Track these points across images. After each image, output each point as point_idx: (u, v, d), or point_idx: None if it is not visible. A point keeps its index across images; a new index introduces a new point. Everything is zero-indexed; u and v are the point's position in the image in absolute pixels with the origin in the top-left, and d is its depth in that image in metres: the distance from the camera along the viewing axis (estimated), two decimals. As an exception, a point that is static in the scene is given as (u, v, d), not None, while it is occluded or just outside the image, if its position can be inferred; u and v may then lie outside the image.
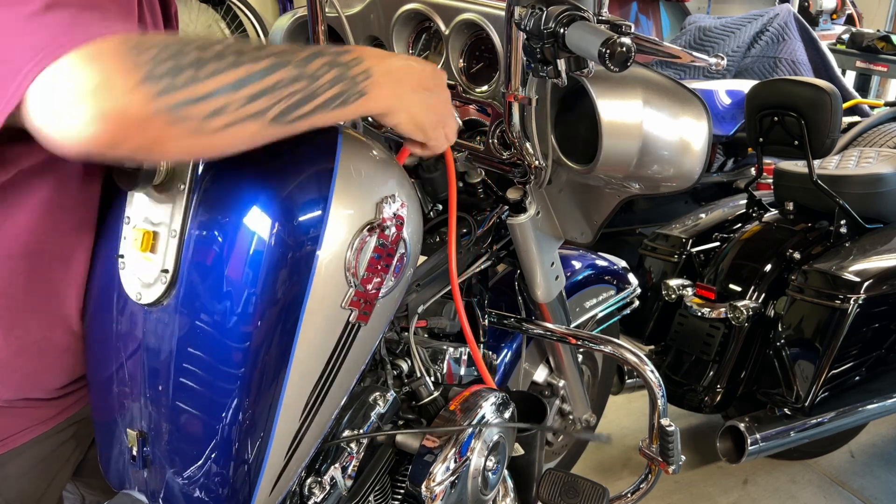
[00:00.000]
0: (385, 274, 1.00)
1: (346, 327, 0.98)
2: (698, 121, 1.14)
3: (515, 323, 1.50)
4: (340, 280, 0.95)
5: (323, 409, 1.01)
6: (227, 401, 0.93)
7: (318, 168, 0.93)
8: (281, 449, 0.98)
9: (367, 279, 0.97)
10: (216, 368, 0.92)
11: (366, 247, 0.96)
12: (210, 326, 0.92)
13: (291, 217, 0.90)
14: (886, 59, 4.28)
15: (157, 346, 0.96)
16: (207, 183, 0.92)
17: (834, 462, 2.50)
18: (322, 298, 0.93)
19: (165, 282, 0.93)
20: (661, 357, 2.37)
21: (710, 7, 5.52)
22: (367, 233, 0.96)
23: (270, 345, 0.92)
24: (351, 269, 0.95)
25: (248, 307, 0.90)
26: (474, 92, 1.26)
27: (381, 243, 0.98)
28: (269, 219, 0.89)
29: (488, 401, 1.22)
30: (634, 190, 1.22)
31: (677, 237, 2.45)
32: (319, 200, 0.92)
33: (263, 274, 0.89)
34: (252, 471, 0.96)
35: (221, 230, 0.91)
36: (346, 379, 1.03)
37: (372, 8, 1.34)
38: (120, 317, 1.00)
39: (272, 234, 0.89)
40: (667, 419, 1.42)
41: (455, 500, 1.17)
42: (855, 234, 2.30)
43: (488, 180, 1.39)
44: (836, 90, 2.24)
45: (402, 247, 1.01)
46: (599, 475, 2.35)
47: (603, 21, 1.00)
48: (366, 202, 0.96)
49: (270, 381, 0.93)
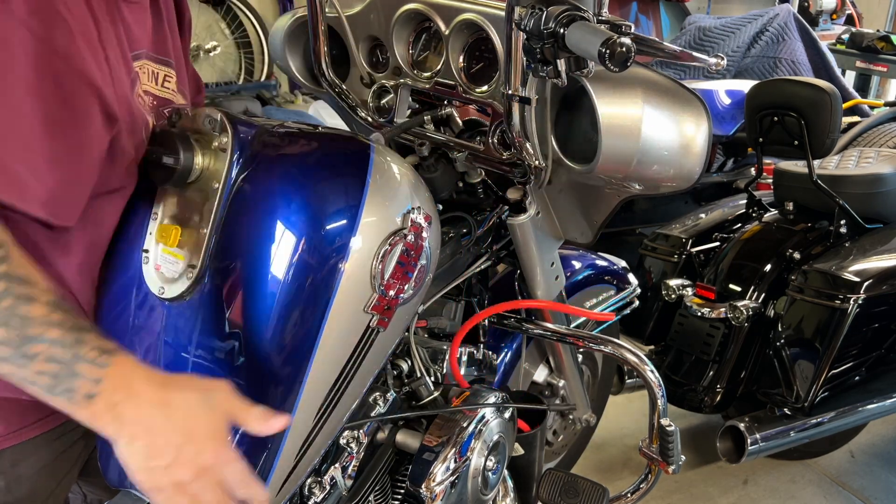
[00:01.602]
0: (407, 282, 1.03)
1: (367, 332, 1.00)
2: (698, 121, 1.14)
3: (515, 323, 1.49)
4: (366, 285, 0.97)
5: (335, 412, 1.01)
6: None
7: (351, 178, 0.97)
8: (293, 450, 0.98)
9: (391, 285, 1.01)
10: (234, 367, 0.93)
11: (392, 254, 0.99)
12: (232, 325, 0.93)
13: (322, 224, 0.93)
14: (886, 59, 4.28)
15: (175, 342, 0.97)
16: (242, 183, 0.94)
17: (834, 462, 2.50)
18: (347, 303, 0.96)
19: (192, 277, 0.94)
20: (661, 357, 2.37)
21: (710, 7, 5.52)
22: (394, 241, 0.99)
23: (292, 346, 0.93)
24: (377, 275, 0.98)
25: (271, 308, 0.91)
26: (474, 92, 1.26)
27: (406, 251, 1.01)
28: (300, 224, 0.92)
29: (488, 401, 1.22)
30: (634, 190, 1.22)
31: (677, 237, 2.45)
32: (351, 209, 0.95)
33: (290, 277, 0.91)
34: (262, 472, 0.97)
35: (252, 231, 0.93)
36: (360, 383, 1.04)
37: (372, 8, 1.34)
38: (139, 311, 1.00)
39: (302, 239, 0.91)
40: (667, 419, 1.42)
41: (455, 500, 1.17)
42: (855, 234, 2.30)
43: (488, 180, 1.39)
44: (836, 90, 2.24)
45: (424, 257, 1.05)
46: (599, 475, 2.35)
47: (603, 21, 1.00)
48: (394, 212, 1.00)
49: (289, 382, 0.94)
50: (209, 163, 0.96)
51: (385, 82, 1.37)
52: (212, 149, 0.96)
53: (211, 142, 0.97)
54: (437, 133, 1.37)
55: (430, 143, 1.34)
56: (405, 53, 1.33)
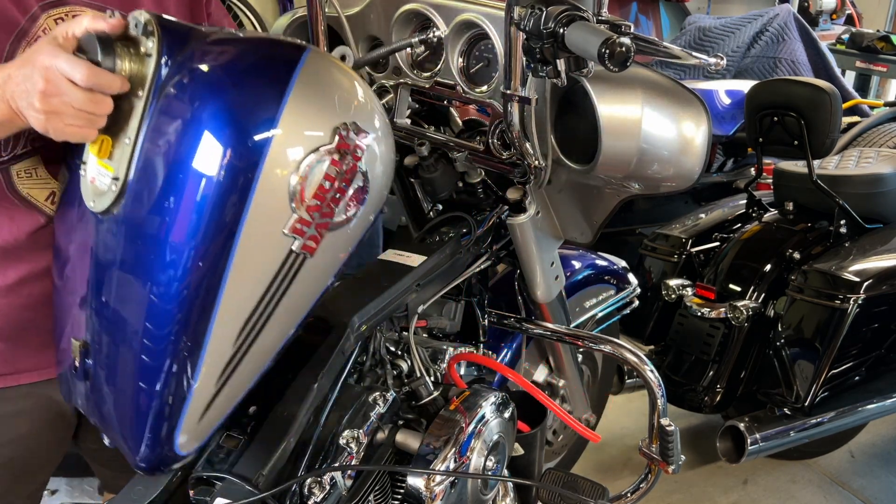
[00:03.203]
0: (336, 205, 0.95)
1: (289, 256, 0.94)
2: (698, 121, 1.14)
3: (515, 323, 1.50)
4: (283, 202, 0.90)
5: (260, 342, 0.97)
6: (158, 317, 0.91)
7: (273, 82, 0.89)
8: (211, 374, 0.95)
9: (315, 207, 0.93)
10: (150, 283, 0.90)
11: (313, 171, 0.91)
12: (148, 239, 0.90)
13: (237, 131, 0.87)
14: (886, 59, 4.28)
15: (104, 256, 0.95)
16: (167, 90, 0.89)
17: (834, 462, 2.50)
18: (262, 219, 0.90)
19: (115, 190, 0.91)
20: (661, 357, 2.37)
21: (710, 7, 5.51)
22: (318, 157, 0.91)
23: (203, 263, 0.89)
24: (296, 193, 0.90)
25: (184, 222, 0.87)
26: (474, 92, 1.26)
27: (335, 171, 0.93)
28: (213, 133, 0.86)
29: (488, 400, 1.22)
30: (634, 190, 1.22)
31: (677, 237, 2.45)
32: (268, 115, 0.88)
33: (202, 189, 0.86)
34: (179, 392, 0.94)
35: (170, 141, 0.88)
36: (288, 314, 0.99)
37: (372, 8, 1.34)
38: (78, 223, 0.99)
39: (214, 150, 0.86)
40: (667, 419, 1.42)
41: (455, 499, 1.17)
42: (855, 234, 2.30)
43: (488, 180, 1.40)
44: (836, 90, 2.24)
45: (359, 179, 0.96)
46: (599, 475, 2.35)
47: (603, 21, 1.00)
48: (321, 124, 0.91)
49: (201, 301, 0.90)
50: (135, 68, 0.89)
51: (385, 82, 1.37)
52: (139, 54, 0.90)
53: (139, 46, 0.90)
54: (437, 133, 1.37)
55: (429, 142, 1.34)
56: (405, 53, 1.33)
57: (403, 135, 1.37)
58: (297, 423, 1.07)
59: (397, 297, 1.25)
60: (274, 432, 1.06)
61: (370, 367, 1.25)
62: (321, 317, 1.16)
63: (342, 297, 1.22)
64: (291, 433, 1.06)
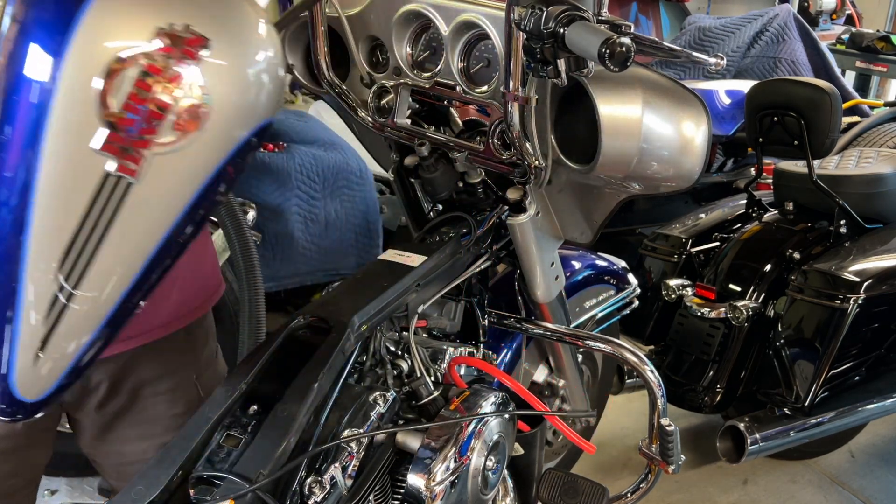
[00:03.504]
0: (158, 121, 0.81)
1: (107, 179, 0.82)
2: (698, 121, 1.14)
3: (515, 323, 1.50)
4: (87, 112, 0.79)
5: (92, 277, 0.87)
6: None
7: None
8: (36, 309, 0.87)
9: (127, 120, 0.80)
10: None
11: (121, 77, 0.78)
12: None
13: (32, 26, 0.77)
14: (886, 59, 4.29)
15: None
16: None
17: (834, 462, 2.50)
18: (64, 132, 0.79)
19: None
20: (661, 357, 2.37)
21: (710, 7, 5.52)
22: (129, 61, 0.78)
23: (7, 183, 0.80)
24: (103, 102, 0.79)
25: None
26: (474, 92, 1.26)
27: (154, 80, 0.80)
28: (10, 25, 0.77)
29: (488, 401, 1.22)
30: (634, 190, 1.23)
31: (677, 237, 2.45)
32: (69, 8, 0.76)
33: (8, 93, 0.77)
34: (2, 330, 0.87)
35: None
36: (123, 247, 0.87)
37: (372, 8, 1.34)
38: None
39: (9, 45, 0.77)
40: (667, 419, 1.42)
41: (455, 500, 1.17)
42: (855, 234, 2.30)
43: (488, 180, 1.40)
44: (836, 90, 2.25)
45: (187, 94, 0.81)
46: (599, 475, 2.35)
47: (603, 21, 1.00)
48: (138, 21, 0.79)
49: (8, 228, 0.82)
50: None
51: (385, 82, 1.37)
52: None
53: None
54: (437, 133, 1.37)
55: (430, 142, 1.34)
56: (405, 53, 1.33)
57: (403, 135, 1.37)
58: (297, 422, 1.06)
59: (397, 297, 1.25)
60: (274, 432, 1.06)
61: (370, 366, 1.25)
62: (321, 317, 1.16)
63: (342, 297, 1.22)
64: (291, 433, 1.06)
